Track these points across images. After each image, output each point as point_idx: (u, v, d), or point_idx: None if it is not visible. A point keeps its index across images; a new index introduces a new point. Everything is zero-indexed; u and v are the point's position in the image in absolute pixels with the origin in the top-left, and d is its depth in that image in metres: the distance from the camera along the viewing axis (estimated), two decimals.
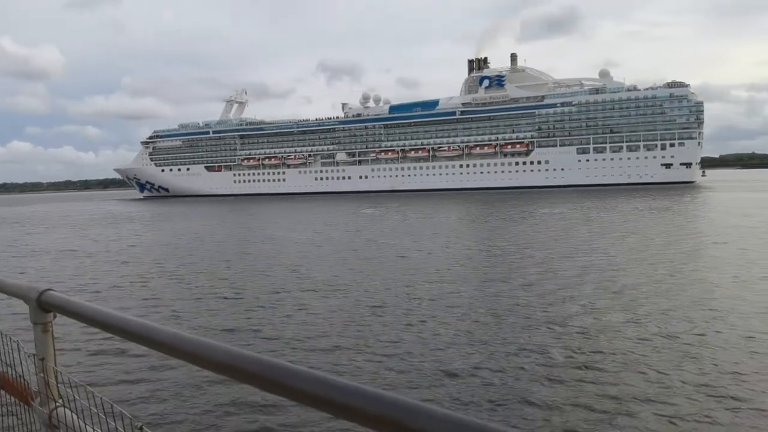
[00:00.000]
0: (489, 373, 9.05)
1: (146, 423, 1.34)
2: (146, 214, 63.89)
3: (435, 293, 15.08)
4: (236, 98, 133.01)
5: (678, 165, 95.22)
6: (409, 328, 11.83)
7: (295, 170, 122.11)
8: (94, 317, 1.70)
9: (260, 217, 51.67)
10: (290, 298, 15.23)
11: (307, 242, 28.36)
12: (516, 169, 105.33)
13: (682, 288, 14.61)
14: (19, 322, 8.59)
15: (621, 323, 11.56)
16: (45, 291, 1.97)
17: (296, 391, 1.05)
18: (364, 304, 14.14)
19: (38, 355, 2.02)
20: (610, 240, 24.80)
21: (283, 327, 12.32)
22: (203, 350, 1.29)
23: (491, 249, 23.62)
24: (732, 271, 16.42)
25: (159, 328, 1.48)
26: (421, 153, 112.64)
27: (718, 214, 36.46)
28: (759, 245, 21.31)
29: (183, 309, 14.45)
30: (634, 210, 41.50)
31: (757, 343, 9.90)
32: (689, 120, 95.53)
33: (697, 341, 10.16)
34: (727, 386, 8.12)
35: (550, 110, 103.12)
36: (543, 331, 11.18)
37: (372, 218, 44.13)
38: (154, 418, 7.82)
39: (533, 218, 38.11)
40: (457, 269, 18.97)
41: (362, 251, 24.11)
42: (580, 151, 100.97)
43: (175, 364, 9.05)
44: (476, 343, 10.62)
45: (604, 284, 15.39)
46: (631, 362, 9.28)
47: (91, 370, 9.52)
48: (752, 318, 11.46)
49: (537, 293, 14.60)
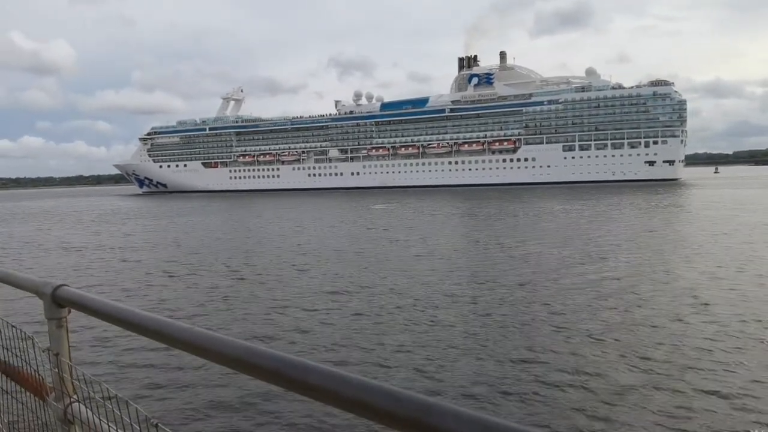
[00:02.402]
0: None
1: (162, 419, 1.35)
2: (142, 209, 66.44)
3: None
4: (233, 95, 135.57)
5: (661, 162, 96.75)
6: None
7: (289, 166, 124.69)
8: (109, 313, 1.71)
9: (295, 217, 48.20)
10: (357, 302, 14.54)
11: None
12: (503, 166, 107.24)
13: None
14: (34, 317, 9.00)
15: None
16: (59, 286, 2.00)
17: (313, 387, 1.05)
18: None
19: (53, 351, 2.04)
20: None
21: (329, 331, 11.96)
22: (219, 346, 1.29)
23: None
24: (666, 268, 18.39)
25: (174, 324, 1.47)
26: (411, 150, 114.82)
27: (673, 214, 38.28)
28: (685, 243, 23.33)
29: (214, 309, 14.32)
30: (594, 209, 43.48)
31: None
32: (672, 118, 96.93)
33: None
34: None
35: (537, 108, 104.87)
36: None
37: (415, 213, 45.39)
38: (170, 414, 7.78)
39: (553, 216, 39.90)
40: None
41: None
42: (566, 148, 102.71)
43: (190, 360, 8.87)
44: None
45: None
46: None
47: (106, 366, 9.51)
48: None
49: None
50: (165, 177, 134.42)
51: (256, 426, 7.48)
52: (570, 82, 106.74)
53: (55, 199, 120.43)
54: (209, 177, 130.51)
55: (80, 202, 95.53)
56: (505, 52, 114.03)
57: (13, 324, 2.45)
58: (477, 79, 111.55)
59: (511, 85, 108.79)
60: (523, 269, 18.60)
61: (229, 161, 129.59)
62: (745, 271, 16.99)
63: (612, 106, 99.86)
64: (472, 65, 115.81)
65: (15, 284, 2.31)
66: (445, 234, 30.40)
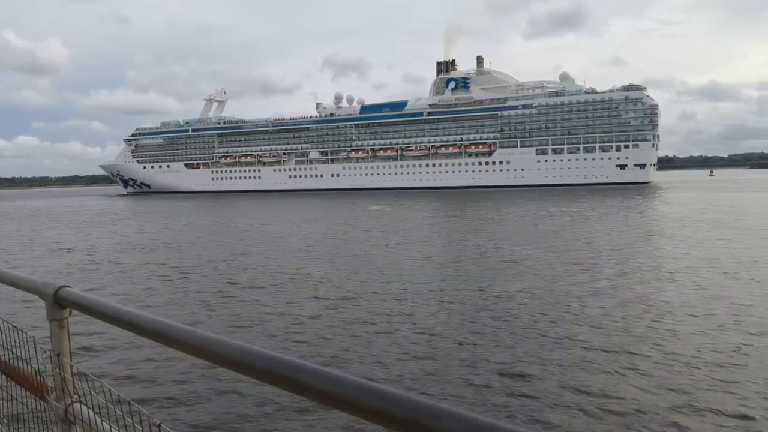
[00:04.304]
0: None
1: (164, 420, 1.26)
2: (115, 209, 67.66)
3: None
4: (216, 97, 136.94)
5: (632, 166, 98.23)
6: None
7: (270, 168, 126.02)
8: (111, 315, 1.72)
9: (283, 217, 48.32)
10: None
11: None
12: (479, 169, 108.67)
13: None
14: (36, 316, 9.22)
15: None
16: (61, 287, 2.00)
17: (313, 389, 1.06)
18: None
19: (54, 351, 2.05)
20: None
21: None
22: (220, 348, 1.29)
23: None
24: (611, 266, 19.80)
25: (175, 326, 1.48)
26: (390, 152, 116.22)
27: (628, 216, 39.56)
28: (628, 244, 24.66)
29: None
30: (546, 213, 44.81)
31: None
32: (644, 122, 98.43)
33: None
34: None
35: (511, 112, 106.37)
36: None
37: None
38: (172, 415, 7.81)
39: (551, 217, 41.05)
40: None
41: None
42: (539, 152, 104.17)
43: (193, 361, 8.51)
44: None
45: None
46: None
47: (108, 366, 9.51)
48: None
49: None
50: (149, 178, 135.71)
51: (258, 427, 7.50)
52: (545, 86, 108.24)
53: (41, 199, 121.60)
54: (192, 178, 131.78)
55: (61, 202, 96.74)
56: (482, 56, 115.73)
57: (14, 324, 2.46)
58: (454, 83, 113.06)
59: (487, 89, 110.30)
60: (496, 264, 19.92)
61: (211, 162, 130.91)
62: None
63: (584, 110, 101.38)
64: (450, 69, 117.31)
65: (17, 285, 2.32)
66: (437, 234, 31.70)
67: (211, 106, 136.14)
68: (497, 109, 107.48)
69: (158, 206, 72.73)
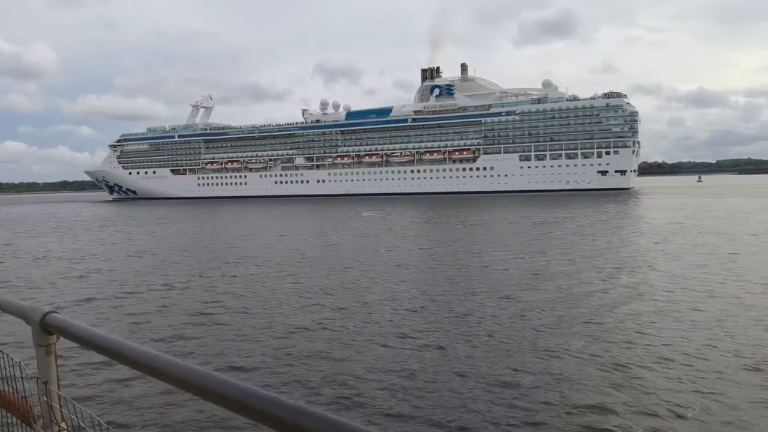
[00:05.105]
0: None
1: None
2: (99, 216, 67.75)
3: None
4: (202, 103, 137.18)
5: (613, 172, 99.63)
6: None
7: (256, 174, 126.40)
8: (98, 343, 1.68)
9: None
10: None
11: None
12: (463, 175, 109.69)
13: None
14: (22, 339, 8.98)
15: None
16: (48, 313, 1.96)
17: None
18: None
19: (41, 378, 2.02)
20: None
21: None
22: (212, 384, 1.26)
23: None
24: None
25: (164, 358, 1.44)
26: (375, 158, 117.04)
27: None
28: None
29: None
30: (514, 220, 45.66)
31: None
32: (624, 129, 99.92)
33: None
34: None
35: (495, 119, 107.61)
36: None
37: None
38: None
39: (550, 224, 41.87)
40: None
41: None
42: (522, 158, 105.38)
43: (182, 395, 8.26)
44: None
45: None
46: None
47: (96, 392, 9.36)
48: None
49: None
50: (134, 184, 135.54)
51: None
52: (528, 93, 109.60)
53: (23, 206, 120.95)
54: (177, 184, 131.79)
55: (41, 209, 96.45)
56: (466, 64, 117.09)
57: (0, 349, 2.43)
58: (438, 90, 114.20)
59: (471, 96, 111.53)
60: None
61: (197, 168, 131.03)
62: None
63: (566, 117, 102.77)
64: (434, 76, 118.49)
65: (3, 308, 2.27)
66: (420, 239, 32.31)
67: (197, 112, 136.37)
68: (481, 115, 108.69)
69: (138, 213, 72.92)
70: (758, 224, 33.56)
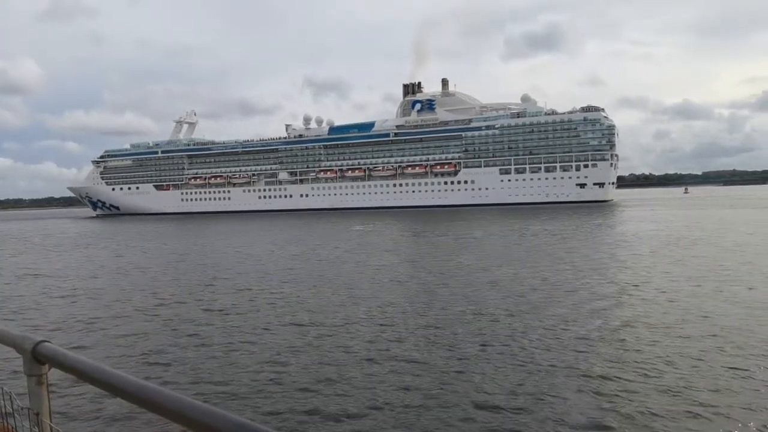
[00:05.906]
0: None
1: None
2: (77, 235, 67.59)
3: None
4: (186, 119, 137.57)
5: (591, 185, 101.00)
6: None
7: (240, 189, 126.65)
8: (91, 374, 1.66)
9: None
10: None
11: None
12: (445, 188, 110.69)
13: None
14: (14, 367, 8.82)
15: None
16: (40, 342, 1.93)
17: None
18: None
19: (33, 409, 1.99)
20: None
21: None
22: (207, 418, 1.24)
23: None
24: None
25: (160, 391, 1.41)
26: (357, 173, 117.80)
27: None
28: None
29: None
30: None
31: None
32: (602, 142, 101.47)
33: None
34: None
35: (475, 133, 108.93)
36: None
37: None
38: None
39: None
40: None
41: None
42: (502, 171, 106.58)
43: (176, 427, 9.60)
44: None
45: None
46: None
47: (86, 424, 9.08)
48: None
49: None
50: (117, 199, 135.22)
51: None
52: (507, 108, 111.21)
53: (5, 222, 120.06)
54: (161, 199, 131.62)
55: (22, 226, 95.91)
56: (447, 79, 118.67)
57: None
58: (420, 105, 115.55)
59: (452, 110, 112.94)
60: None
61: (180, 183, 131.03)
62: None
63: (545, 131, 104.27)
64: (416, 91, 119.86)
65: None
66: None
67: (181, 128, 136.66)
68: (462, 129, 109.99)
69: (119, 229, 72.87)
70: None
